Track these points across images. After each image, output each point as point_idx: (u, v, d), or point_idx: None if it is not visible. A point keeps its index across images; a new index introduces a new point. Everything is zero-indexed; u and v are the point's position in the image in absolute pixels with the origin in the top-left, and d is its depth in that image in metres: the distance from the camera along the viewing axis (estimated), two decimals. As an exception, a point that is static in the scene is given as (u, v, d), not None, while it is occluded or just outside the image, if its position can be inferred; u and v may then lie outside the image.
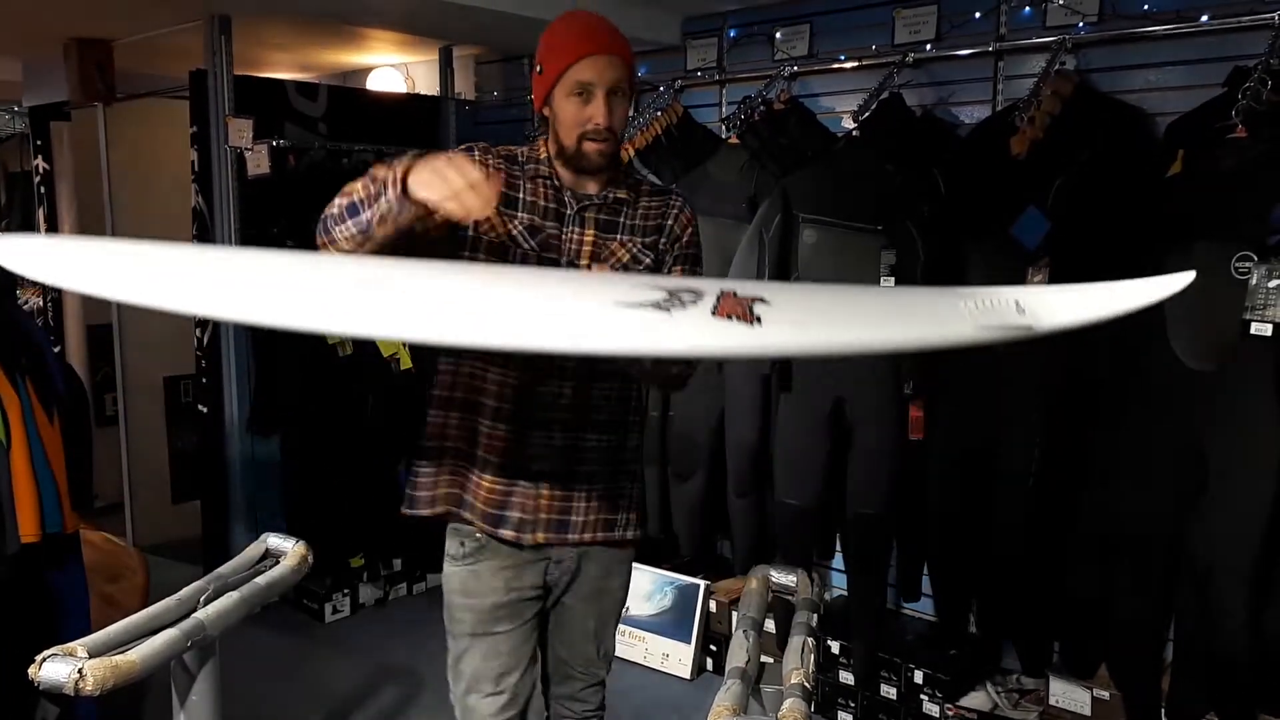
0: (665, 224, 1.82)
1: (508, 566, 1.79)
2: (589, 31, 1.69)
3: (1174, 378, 2.32)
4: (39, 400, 2.24)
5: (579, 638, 1.90)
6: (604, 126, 1.68)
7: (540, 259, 1.74)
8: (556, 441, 1.77)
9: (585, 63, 1.66)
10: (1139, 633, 2.45)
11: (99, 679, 1.48)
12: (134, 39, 4.04)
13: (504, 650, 1.80)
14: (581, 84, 1.67)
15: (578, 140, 1.70)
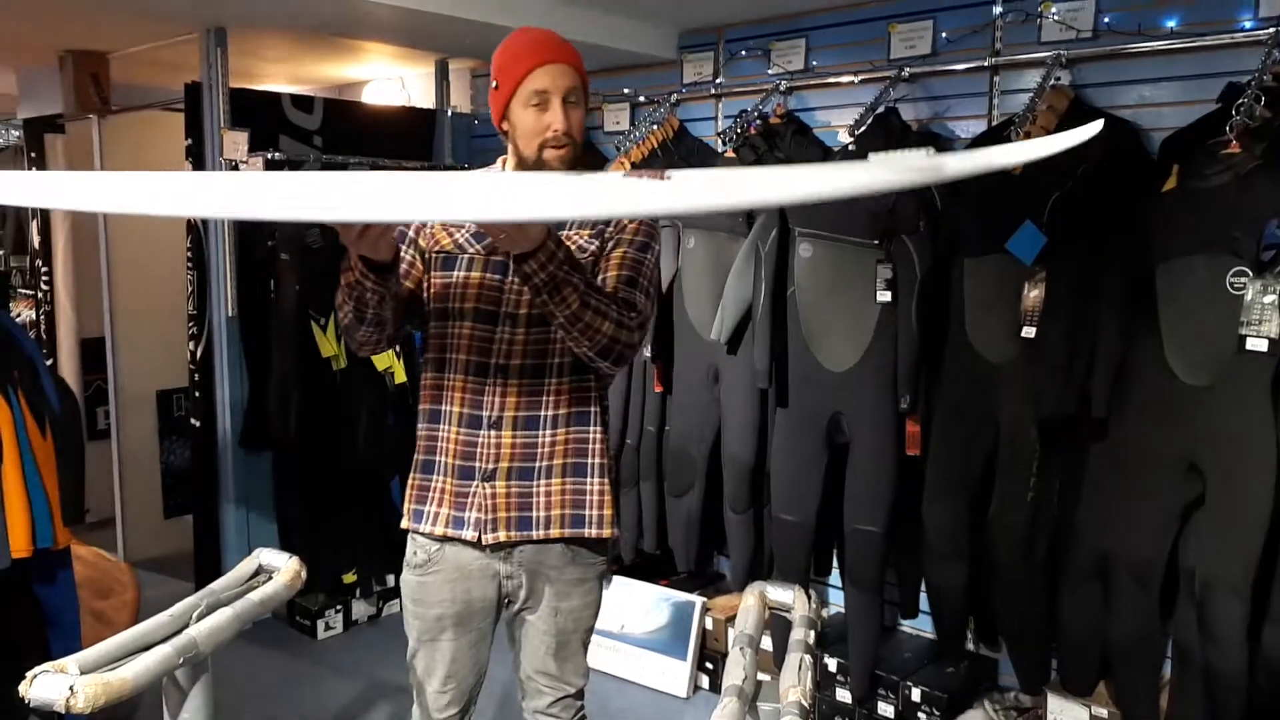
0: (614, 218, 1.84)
1: (457, 579, 1.85)
2: (540, 43, 1.76)
3: (1170, 393, 2.33)
4: (31, 413, 2.23)
5: (540, 653, 1.91)
6: (562, 132, 1.73)
7: (487, 261, 1.81)
8: (511, 440, 1.80)
9: (539, 72, 1.72)
10: (1137, 650, 2.44)
11: (90, 696, 1.46)
12: (129, 51, 4.04)
13: (449, 657, 1.88)
14: (537, 93, 1.73)
15: (538, 149, 1.74)
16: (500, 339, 1.80)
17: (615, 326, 1.70)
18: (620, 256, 1.81)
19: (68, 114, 4.28)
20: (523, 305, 1.79)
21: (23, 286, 5.05)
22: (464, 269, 1.82)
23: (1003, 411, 2.61)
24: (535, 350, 1.80)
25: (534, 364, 1.80)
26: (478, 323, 1.81)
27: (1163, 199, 2.39)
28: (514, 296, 1.79)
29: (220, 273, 3.61)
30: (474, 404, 1.81)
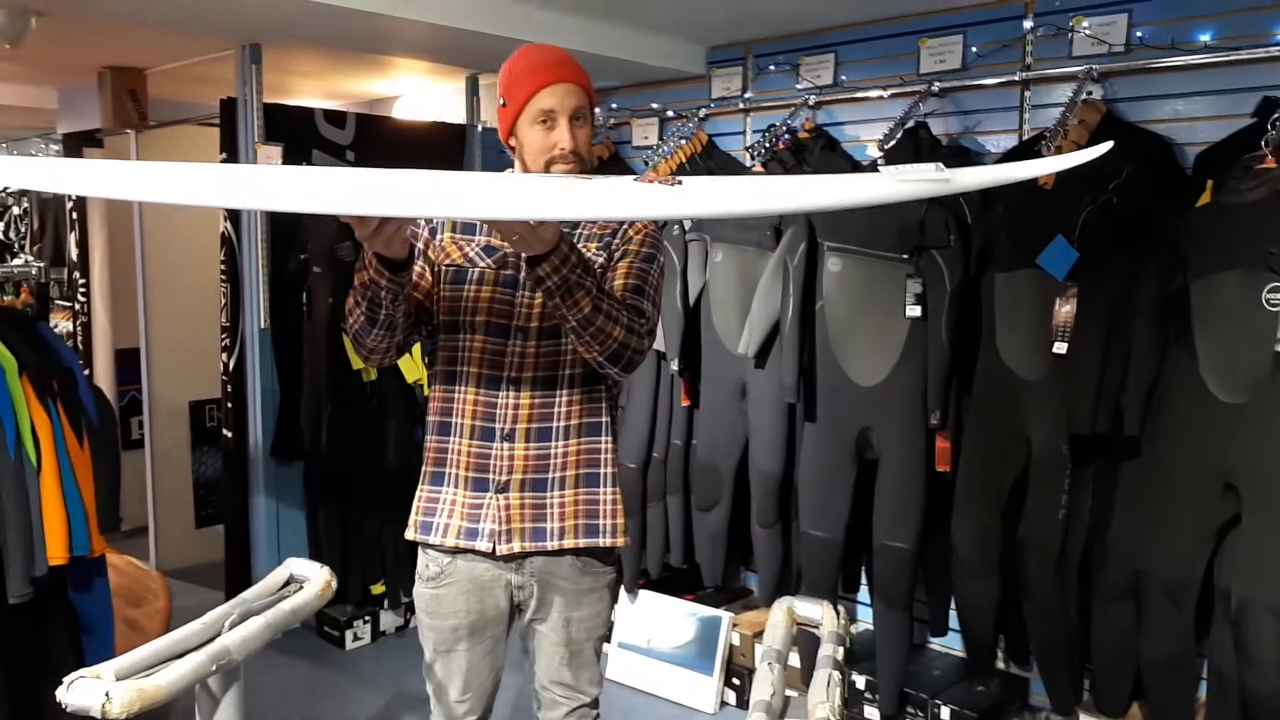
0: (621, 228, 1.86)
1: (470, 590, 1.86)
2: (548, 62, 1.77)
3: (1206, 410, 2.30)
4: (69, 423, 2.27)
5: (554, 663, 1.92)
6: (569, 150, 1.75)
7: (497, 274, 1.83)
8: (524, 451, 1.82)
9: (546, 91, 1.74)
10: (1172, 670, 2.40)
11: (125, 702, 1.48)
12: (167, 67, 4.12)
13: (465, 666, 1.90)
14: (544, 112, 1.74)
15: (545, 166, 1.76)
16: (512, 352, 1.81)
17: (625, 331, 1.72)
18: (626, 266, 1.84)
19: (106, 129, 4.36)
20: (534, 318, 1.81)
21: (60, 298, 5.14)
22: (475, 283, 1.83)
23: (1034, 428, 2.59)
24: (547, 362, 1.82)
25: (546, 376, 1.82)
26: (490, 336, 1.82)
27: (1197, 214, 2.37)
28: (525, 310, 1.81)
29: (253, 285, 3.65)
30: (486, 416, 1.82)
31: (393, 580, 3.82)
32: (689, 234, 3.35)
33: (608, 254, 1.84)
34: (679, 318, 3.29)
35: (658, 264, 1.88)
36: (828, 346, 2.89)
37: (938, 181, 1.34)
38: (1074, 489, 2.54)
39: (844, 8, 3.14)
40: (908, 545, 2.79)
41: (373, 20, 2.92)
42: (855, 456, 2.87)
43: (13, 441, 2.15)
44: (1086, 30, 2.78)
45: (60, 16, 3.13)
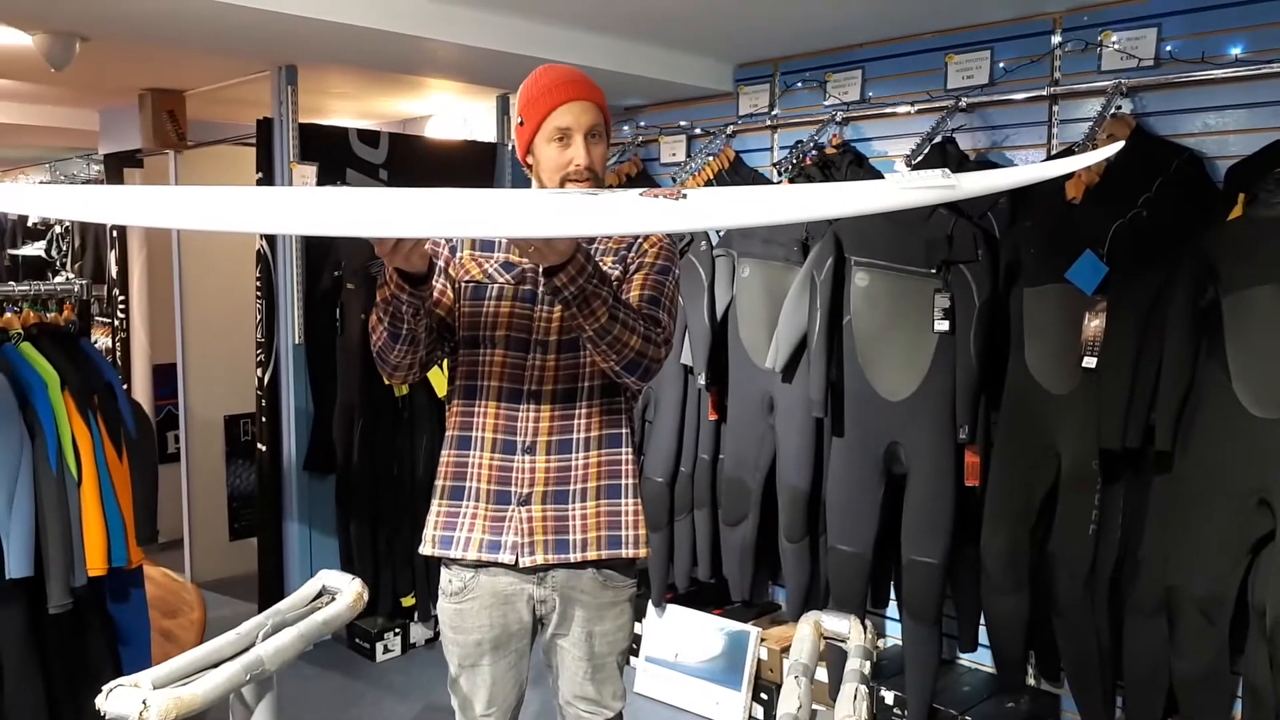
0: (636, 241, 1.89)
1: (493, 604, 1.88)
2: (563, 81, 1.81)
3: (1239, 425, 2.28)
4: (109, 437, 2.32)
5: (577, 678, 1.92)
6: (584, 166, 1.78)
7: (516, 290, 1.86)
8: (546, 463, 1.84)
9: (561, 110, 1.78)
10: (1206, 687, 2.37)
11: (163, 711, 1.51)
12: (205, 89, 4.20)
13: (489, 680, 1.91)
14: (560, 129, 1.78)
15: (560, 183, 1.80)
16: (532, 365, 1.84)
17: (642, 341, 1.74)
18: (642, 278, 1.86)
19: (146, 149, 4.46)
20: (553, 332, 1.84)
21: (100, 314, 5.25)
22: (494, 298, 1.86)
23: (1063, 443, 2.58)
24: (567, 375, 1.84)
25: (565, 389, 1.84)
26: (509, 350, 1.85)
27: (1229, 228, 2.36)
28: (544, 324, 1.84)
29: (288, 301, 3.71)
30: (508, 430, 1.85)
31: (423, 593, 3.85)
32: (716, 249, 3.37)
33: (623, 267, 1.86)
34: (706, 332, 3.31)
35: (673, 275, 1.90)
36: (855, 361, 2.89)
37: (944, 188, 1.34)
38: (1104, 504, 2.52)
39: (871, 24, 3.16)
40: (936, 560, 2.78)
41: (407, 42, 2.97)
42: (883, 471, 2.86)
43: (54, 454, 2.21)
44: (1115, 45, 2.77)
45: (103, 41, 3.22)
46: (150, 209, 1.63)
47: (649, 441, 3.53)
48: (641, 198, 1.47)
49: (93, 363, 2.42)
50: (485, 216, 1.55)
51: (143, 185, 4.69)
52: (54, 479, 2.20)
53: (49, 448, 2.20)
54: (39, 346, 2.28)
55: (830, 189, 1.51)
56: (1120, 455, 2.47)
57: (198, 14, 2.65)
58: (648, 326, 1.76)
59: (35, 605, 2.20)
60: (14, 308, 2.38)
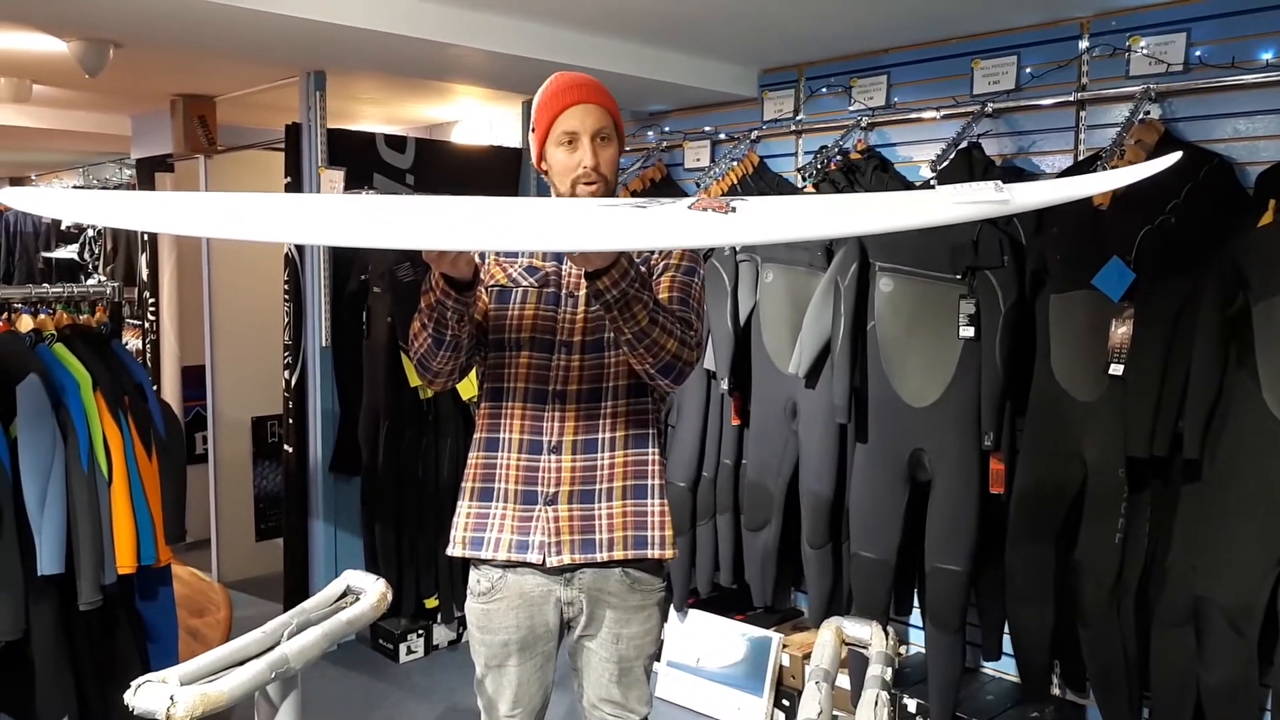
0: None
1: (520, 605, 1.88)
2: (570, 86, 1.84)
3: (1268, 433, 2.25)
4: (139, 437, 2.35)
5: (602, 680, 1.93)
6: (590, 167, 1.80)
7: (540, 293, 1.88)
8: (571, 462, 1.85)
9: (569, 113, 1.81)
10: (1233, 699, 2.34)
11: (190, 707, 1.53)
12: (235, 95, 4.26)
13: (516, 681, 1.92)
14: (568, 133, 1.81)
15: (571, 186, 1.82)
16: (557, 366, 1.85)
17: (679, 344, 1.75)
18: (670, 280, 1.87)
19: (177, 154, 4.52)
20: (577, 333, 1.85)
21: (130, 317, 5.33)
22: (518, 301, 1.88)
23: (1090, 450, 2.55)
24: (591, 375, 1.85)
25: (590, 389, 1.85)
26: (534, 352, 1.86)
27: (1259, 234, 2.33)
28: (569, 325, 1.86)
29: (315, 304, 3.75)
30: (534, 430, 1.86)
31: (446, 595, 3.87)
32: (740, 254, 3.37)
33: (646, 267, 1.87)
34: (729, 337, 3.31)
35: (699, 277, 1.91)
36: (879, 367, 2.88)
37: (997, 203, 1.32)
38: (1131, 512, 2.50)
39: (897, 29, 3.15)
40: (960, 568, 2.76)
41: (432, 48, 3.00)
42: (907, 477, 2.85)
43: (86, 453, 2.24)
44: (1144, 50, 2.75)
45: (136, 48, 3.27)
46: (191, 216, 1.65)
47: (671, 446, 3.53)
48: (691, 210, 1.46)
49: (124, 364, 2.45)
50: (534, 229, 1.56)
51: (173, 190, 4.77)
52: (85, 478, 2.23)
53: (81, 447, 2.23)
54: (72, 348, 2.32)
55: (881, 200, 1.49)
56: (1147, 463, 2.45)
57: (229, 21, 2.69)
58: (683, 329, 1.77)
59: (66, 602, 2.23)
60: (48, 309, 2.42)
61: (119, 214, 1.77)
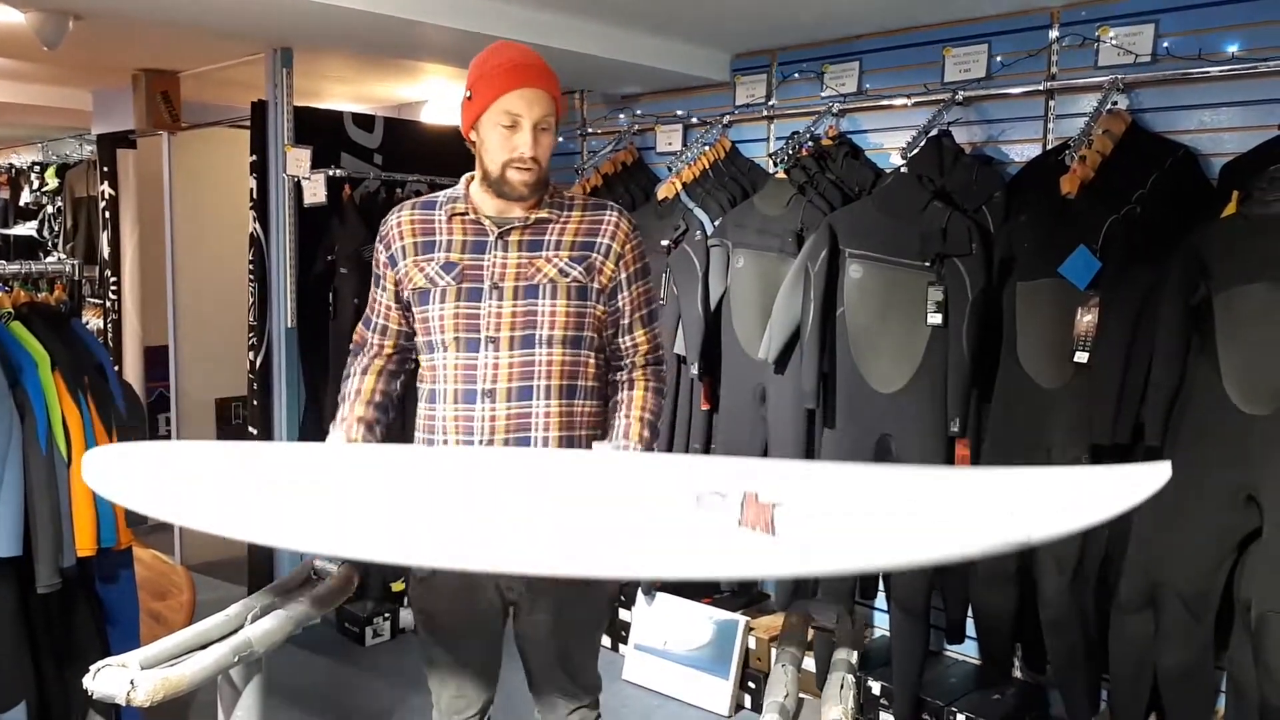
0: (599, 240, 1.86)
1: (460, 588, 1.89)
2: (520, 65, 1.77)
3: (1228, 422, 2.29)
4: (99, 417, 2.31)
5: (548, 661, 1.93)
6: (529, 157, 1.76)
7: (459, 290, 1.83)
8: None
9: (514, 95, 1.75)
10: (1189, 682, 2.39)
11: (150, 691, 1.51)
12: (199, 70, 4.18)
13: (459, 661, 1.94)
14: (509, 114, 1.75)
15: (503, 167, 1.78)
16: (484, 364, 1.82)
17: (661, 403, 1.90)
18: (635, 296, 1.90)
19: (140, 130, 4.44)
20: (503, 328, 1.81)
21: (91, 295, 5.23)
22: (439, 301, 1.84)
23: (1054, 437, 2.58)
24: (521, 373, 1.82)
25: (521, 387, 1.82)
26: (460, 351, 1.83)
27: (1222, 225, 2.36)
28: (493, 320, 1.82)
29: (281, 285, 3.70)
30: (466, 430, 1.83)
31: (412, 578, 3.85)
32: (711, 239, 3.37)
33: (585, 266, 1.84)
34: (700, 323, 3.31)
35: (650, 269, 1.95)
36: (848, 353, 2.89)
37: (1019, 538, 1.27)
38: (1093, 499, 2.53)
39: (869, 16, 3.15)
40: (925, 553, 2.78)
41: (401, 26, 2.96)
42: (874, 462, 2.87)
43: (44, 434, 2.19)
44: (1113, 40, 2.77)
45: (96, 20, 3.20)
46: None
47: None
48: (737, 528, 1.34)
49: (84, 343, 2.40)
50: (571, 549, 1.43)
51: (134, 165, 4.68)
52: (44, 459, 2.19)
53: (39, 428, 2.19)
54: (29, 326, 2.27)
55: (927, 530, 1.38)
56: (1110, 450, 2.48)
57: (192, -6, 2.64)
58: (659, 393, 1.91)
59: (24, 585, 2.19)
60: (4, 287, 2.37)
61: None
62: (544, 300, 1.82)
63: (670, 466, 1.74)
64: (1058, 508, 1.31)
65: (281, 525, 1.59)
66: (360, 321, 2.04)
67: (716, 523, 1.37)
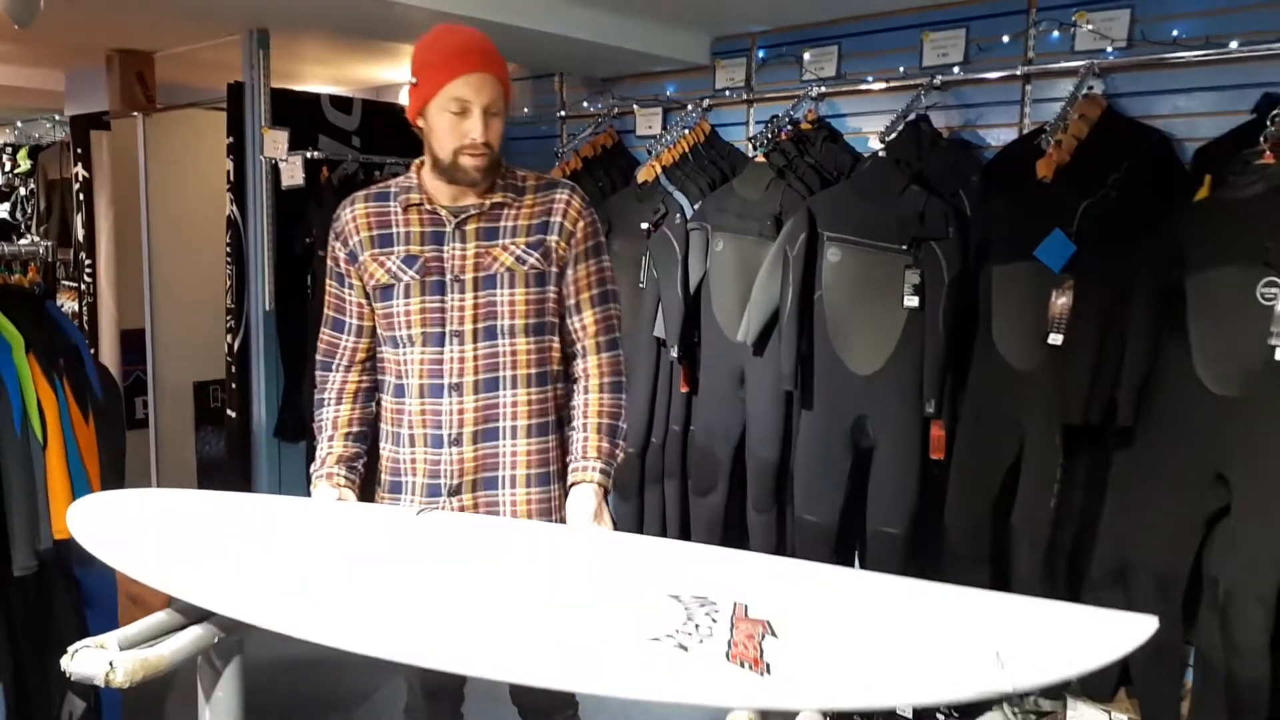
0: (552, 220, 1.84)
1: None
2: (467, 49, 1.74)
3: (1198, 403, 2.32)
4: (75, 400, 2.30)
5: None
6: (481, 142, 1.74)
7: (423, 284, 1.81)
8: (474, 453, 1.84)
9: (462, 80, 1.71)
10: (1158, 657, 2.43)
11: (129, 671, 1.51)
12: (174, 51, 4.13)
13: None
14: (458, 100, 1.72)
15: (454, 153, 1.75)
16: (450, 358, 1.82)
17: (620, 397, 1.90)
18: (587, 274, 1.88)
19: (114, 111, 4.38)
20: (466, 321, 1.81)
21: (66, 278, 5.18)
22: (402, 296, 1.83)
23: (1028, 418, 2.62)
24: (487, 365, 1.82)
25: (487, 379, 1.82)
26: (426, 346, 1.83)
27: (1195, 209, 2.39)
28: (457, 314, 1.81)
29: (258, 268, 3.68)
30: (434, 424, 1.84)
31: (393, 562, 3.85)
32: (691, 223, 3.37)
33: (541, 251, 1.83)
34: (679, 305, 3.32)
35: (605, 247, 1.92)
36: (826, 335, 2.91)
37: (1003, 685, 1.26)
38: (1066, 479, 2.56)
39: (848, 0, 3.15)
40: (900, 531, 2.82)
41: (380, 7, 2.94)
42: (850, 444, 2.90)
43: (19, 417, 2.18)
44: (1089, 26, 2.79)
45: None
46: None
47: (620, 413, 3.54)
48: (726, 663, 1.29)
49: (59, 326, 2.39)
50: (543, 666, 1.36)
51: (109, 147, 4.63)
52: (18, 442, 2.18)
53: (14, 411, 2.17)
54: (2, 309, 2.25)
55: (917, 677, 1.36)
56: (1083, 431, 2.51)
57: (167, -28, 2.61)
58: (617, 390, 1.89)
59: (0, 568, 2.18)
60: (-23, 269, 2.35)
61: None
62: (503, 290, 1.81)
63: (650, 556, 1.69)
64: (1047, 660, 1.31)
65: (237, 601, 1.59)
66: (325, 325, 1.98)
67: (702, 652, 1.32)
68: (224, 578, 1.61)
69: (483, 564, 1.64)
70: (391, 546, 1.70)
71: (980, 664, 1.29)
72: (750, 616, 1.42)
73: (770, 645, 1.34)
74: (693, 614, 1.41)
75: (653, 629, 1.38)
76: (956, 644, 1.36)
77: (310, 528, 1.80)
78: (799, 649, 1.36)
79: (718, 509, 3.31)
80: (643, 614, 1.43)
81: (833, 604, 1.50)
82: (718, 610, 1.44)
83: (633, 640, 1.36)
